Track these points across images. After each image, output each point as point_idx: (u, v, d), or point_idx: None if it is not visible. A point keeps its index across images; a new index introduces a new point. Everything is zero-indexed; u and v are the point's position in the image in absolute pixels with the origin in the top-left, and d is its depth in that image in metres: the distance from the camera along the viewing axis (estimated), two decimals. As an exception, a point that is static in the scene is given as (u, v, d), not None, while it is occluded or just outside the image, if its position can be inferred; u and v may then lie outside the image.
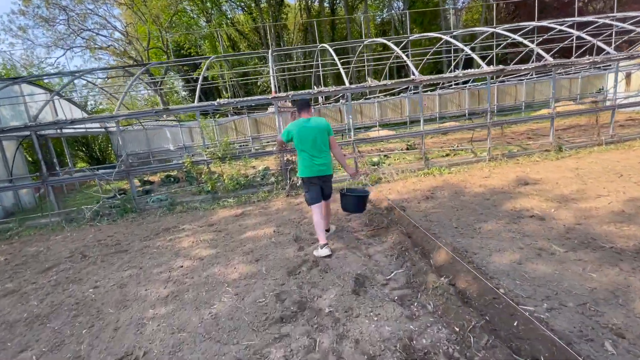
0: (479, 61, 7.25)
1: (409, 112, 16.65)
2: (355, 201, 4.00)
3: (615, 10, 13.03)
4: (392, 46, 8.13)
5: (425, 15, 30.66)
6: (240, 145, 17.96)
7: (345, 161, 3.88)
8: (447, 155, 9.58)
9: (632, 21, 9.06)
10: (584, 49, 13.02)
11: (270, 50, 9.28)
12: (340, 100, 16.56)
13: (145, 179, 12.21)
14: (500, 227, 3.77)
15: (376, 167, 8.82)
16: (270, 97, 6.59)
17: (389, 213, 4.98)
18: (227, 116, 18.06)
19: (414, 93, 16.81)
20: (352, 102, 17.08)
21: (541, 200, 4.56)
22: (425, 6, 31.13)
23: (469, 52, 7.58)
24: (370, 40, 9.65)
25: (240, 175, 6.83)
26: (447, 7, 33.06)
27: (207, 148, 6.97)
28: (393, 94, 17.52)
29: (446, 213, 4.50)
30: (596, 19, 9.35)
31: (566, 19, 10.31)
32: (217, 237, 4.74)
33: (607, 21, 9.34)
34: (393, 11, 34.23)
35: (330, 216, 4.27)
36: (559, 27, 9.06)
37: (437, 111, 16.61)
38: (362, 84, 6.76)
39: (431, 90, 16.49)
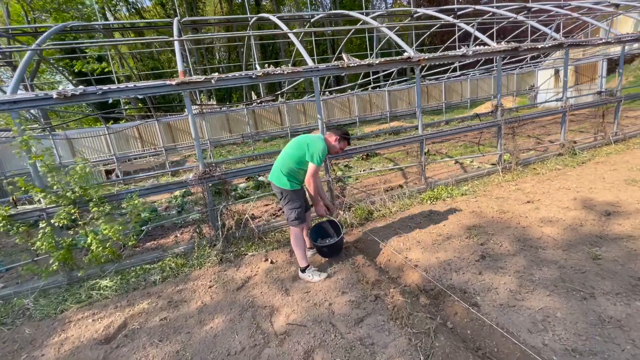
0: (485, 39, 5.26)
1: (357, 111, 14.65)
2: (326, 250, 3.38)
3: None
4: (364, 17, 5.71)
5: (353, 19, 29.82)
6: (153, 157, 13.88)
7: (316, 198, 3.02)
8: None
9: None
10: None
11: (176, 18, 6.04)
12: (280, 99, 13.72)
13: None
14: None
15: (343, 184, 6.36)
16: (174, 83, 3.50)
17: (438, 309, 2.45)
18: (134, 120, 13.71)
19: (363, 90, 14.88)
20: (294, 101, 14.41)
21: (702, 258, 2.54)
22: (352, 5, 30.17)
23: (464, 26, 5.57)
24: (329, 12, 7.17)
25: (120, 232, 3.54)
26: (376, 6, 32.73)
27: (51, 185, 3.51)
28: (342, 91, 15.36)
29: (571, 313, 2.14)
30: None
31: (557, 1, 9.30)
32: None
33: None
34: (321, 9, 32.69)
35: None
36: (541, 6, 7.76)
37: (388, 110, 14.97)
38: (335, 64, 4.14)
39: (380, 87, 14.77)
